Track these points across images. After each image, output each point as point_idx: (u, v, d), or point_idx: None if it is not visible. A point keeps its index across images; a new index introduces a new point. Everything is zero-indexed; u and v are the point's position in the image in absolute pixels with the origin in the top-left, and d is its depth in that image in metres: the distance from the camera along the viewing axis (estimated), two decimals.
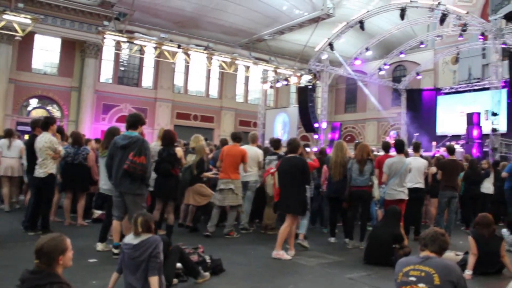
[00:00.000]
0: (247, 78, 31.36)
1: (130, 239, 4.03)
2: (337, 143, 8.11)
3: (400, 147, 7.79)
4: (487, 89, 19.43)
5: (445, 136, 21.53)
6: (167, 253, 4.35)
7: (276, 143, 8.79)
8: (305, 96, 21.67)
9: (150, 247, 3.89)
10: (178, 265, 4.72)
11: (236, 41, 28.86)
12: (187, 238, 7.24)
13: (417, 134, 21.86)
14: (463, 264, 6.08)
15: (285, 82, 25.15)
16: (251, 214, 8.80)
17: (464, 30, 18.17)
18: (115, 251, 5.79)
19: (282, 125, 25.13)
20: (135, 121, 5.67)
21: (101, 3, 23.30)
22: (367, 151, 7.61)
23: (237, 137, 8.13)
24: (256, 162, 8.39)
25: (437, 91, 25.69)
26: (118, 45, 23.71)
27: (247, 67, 26.50)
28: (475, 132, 17.88)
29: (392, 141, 8.79)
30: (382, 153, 8.69)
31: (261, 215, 8.94)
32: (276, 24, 26.72)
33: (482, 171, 11.01)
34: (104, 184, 6.38)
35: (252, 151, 8.42)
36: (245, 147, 8.47)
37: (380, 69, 24.20)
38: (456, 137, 19.92)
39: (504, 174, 10.54)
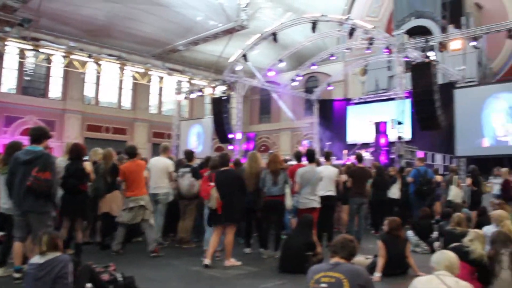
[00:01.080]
0: (161, 89, 30.75)
1: (35, 259, 3.81)
2: (251, 154, 8.10)
3: (311, 156, 7.90)
4: (393, 99, 19.71)
5: (355, 145, 21.93)
6: (76, 273, 4.17)
7: (189, 155, 8.70)
8: (220, 107, 21.39)
9: (57, 267, 3.71)
10: (88, 285, 4.53)
11: (150, 51, 28.27)
12: (98, 256, 6.98)
13: (329, 143, 22.32)
14: (372, 267, 6.27)
15: (199, 93, 24.91)
16: (164, 228, 8.56)
17: (371, 44, 18.33)
18: (16, 275, 5.47)
19: (197, 137, 24.94)
20: (39, 135, 5.41)
21: (2, 7, 21.73)
22: (280, 161, 7.65)
23: (130, 153, 7.80)
24: (166, 173, 8.19)
25: (348, 101, 25.92)
26: (22, 53, 22.49)
27: (161, 78, 26.00)
28: (382, 140, 18.21)
29: (304, 151, 8.82)
30: (294, 162, 8.76)
31: (175, 228, 8.71)
32: (190, 35, 26.48)
33: (389, 177, 11.33)
34: (4, 203, 6.01)
35: (161, 162, 8.23)
36: (154, 159, 8.33)
37: (293, 80, 24.24)
38: (365, 145, 20.25)
39: (409, 179, 10.86)
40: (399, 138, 17.23)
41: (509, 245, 4.91)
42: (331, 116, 25.76)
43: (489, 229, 6.05)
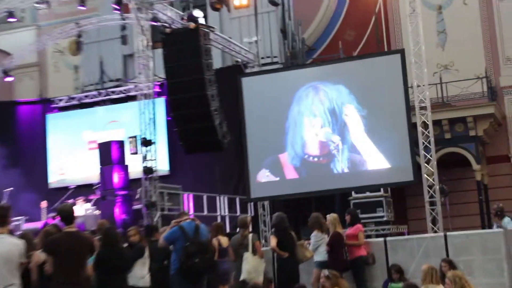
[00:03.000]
0: None
1: None
2: None
3: None
4: (133, 98, 18.29)
5: (65, 189, 19.57)
6: None
7: None
8: None
9: None
10: None
11: None
12: None
13: (11, 189, 18.63)
14: None
15: None
16: None
17: None
18: None
19: None
20: None
21: None
22: None
23: None
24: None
25: (47, 104, 22.77)
26: None
27: None
28: (116, 178, 16.69)
29: None
30: None
31: None
32: None
33: (130, 247, 10.03)
34: None
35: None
36: None
37: None
38: (85, 189, 18.90)
39: (161, 242, 9.90)
40: (148, 171, 16.01)
41: None
42: (14, 133, 22.41)
43: None
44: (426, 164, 14.45)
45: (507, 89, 19.72)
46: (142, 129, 16.07)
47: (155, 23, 15.98)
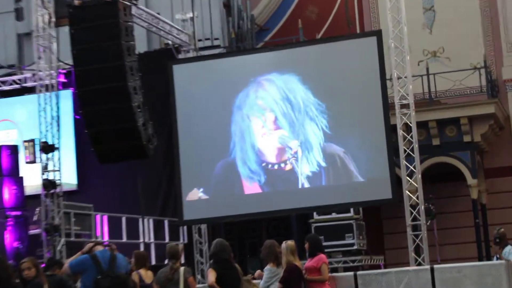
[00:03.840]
0: None
1: None
2: None
3: None
4: (31, 90, 18.77)
5: None
6: None
7: None
8: None
9: None
10: None
11: None
12: None
13: None
14: None
15: None
16: None
17: None
18: None
19: None
20: None
21: None
22: None
23: None
24: None
25: None
26: None
27: None
28: (6, 194, 16.81)
29: None
30: None
31: None
32: None
33: (22, 283, 9.55)
34: None
35: None
36: None
37: None
38: None
39: (65, 268, 9.89)
40: (49, 185, 16.11)
41: None
42: None
43: None
44: (408, 178, 14.41)
45: (511, 82, 19.36)
46: (42, 130, 16.08)
47: None
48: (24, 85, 20.83)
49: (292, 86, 16.20)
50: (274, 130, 16.38)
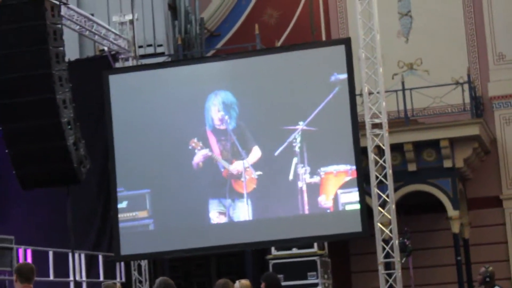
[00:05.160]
0: None
1: None
2: None
3: None
4: None
5: None
6: None
7: None
8: None
9: None
10: None
11: None
12: None
13: None
14: None
15: None
16: None
17: None
18: None
19: None
20: None
21: None
22: None
23: None
24: None
25: None
26: None
27: None
28: None
29: None
30: None
31: None
32: None
33: None
34: None
35: None
36: None
37: None
38: None
39: None
40: None
41: None
42: None
43: None
44: (380, 208, 14.44)
45: (498, 100, 19.20)
46: None
47: None
48: None
49: (246, 102, 16.16)
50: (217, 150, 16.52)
